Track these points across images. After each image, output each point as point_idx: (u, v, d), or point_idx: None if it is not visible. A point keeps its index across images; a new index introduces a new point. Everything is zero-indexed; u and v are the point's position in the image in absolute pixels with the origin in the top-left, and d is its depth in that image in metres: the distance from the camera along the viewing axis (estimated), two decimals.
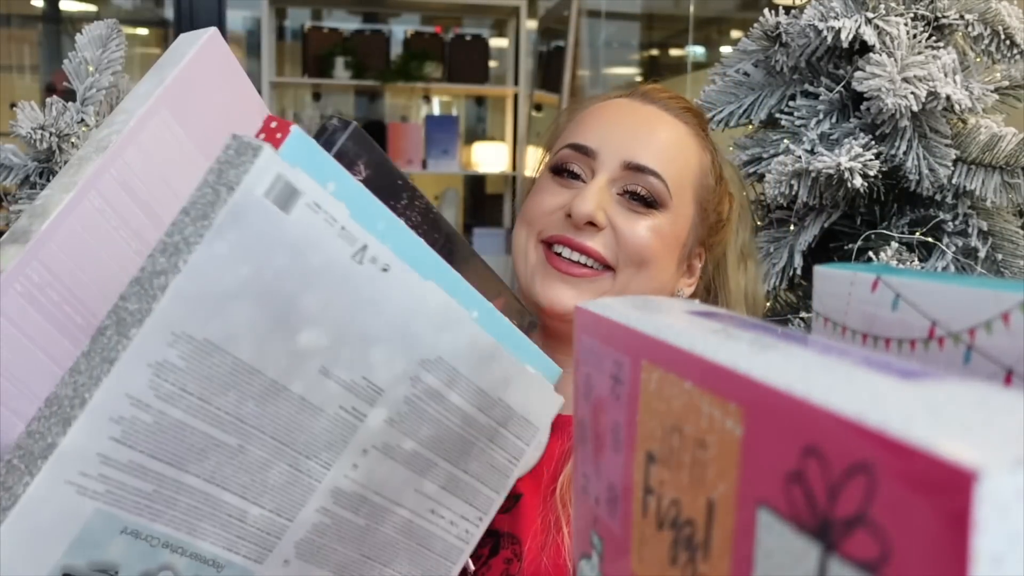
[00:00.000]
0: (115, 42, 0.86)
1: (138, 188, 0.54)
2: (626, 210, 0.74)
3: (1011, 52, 0.66)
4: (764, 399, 0.19)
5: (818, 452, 0.17)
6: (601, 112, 0.79)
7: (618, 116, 0.78)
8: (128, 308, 0.39)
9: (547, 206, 0.75)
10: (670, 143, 0.77)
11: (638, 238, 0.73)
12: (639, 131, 0.76)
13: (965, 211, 0.65)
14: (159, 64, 0.56)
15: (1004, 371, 0.25)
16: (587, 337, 0.32)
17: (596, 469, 0.31)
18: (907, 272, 0.30)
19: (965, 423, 0.15)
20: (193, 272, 0.37)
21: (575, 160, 0.75)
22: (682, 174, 0.76)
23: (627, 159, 0.74)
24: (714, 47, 3.25)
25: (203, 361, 0.39)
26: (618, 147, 0.74)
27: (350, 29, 3.82)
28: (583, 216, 0.71)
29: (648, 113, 0.78)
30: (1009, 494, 0.13)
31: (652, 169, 0.74)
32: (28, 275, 0.49)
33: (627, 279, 0.73)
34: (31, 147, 0.85)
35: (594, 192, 0.72)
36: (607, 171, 0.74)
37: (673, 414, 0.24)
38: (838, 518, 0.16)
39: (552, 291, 0.72)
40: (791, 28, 0.68)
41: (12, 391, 0.49)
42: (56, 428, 0.38)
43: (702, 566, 0.22)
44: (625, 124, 0.77)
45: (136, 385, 0.38)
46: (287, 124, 0.41)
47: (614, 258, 0.73)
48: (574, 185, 0.75)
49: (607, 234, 0.72)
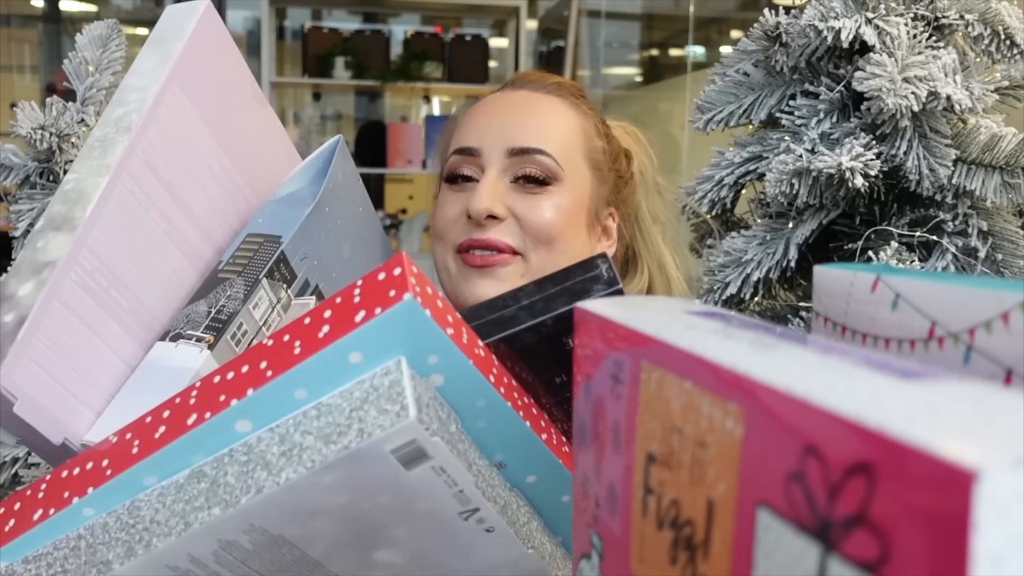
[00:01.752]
0: (115, 42, 0.86)
1: (160, 167, 0.53)
2: (523, 194, 0.76)
3: (1011, 52, 0.66)
4: (764, 399, 0.19)
5: (818, 452, 0.17)
6: (478, 112, 0.81)
7: (493, 109, 0.80)
8: (223, 481, 0.37)
9: (449, 215, 0.77)
10: (547, 118, 0.79)
11: (540, 218, 0.75)
12: (515, 117, 0.78)
13: (965, 211, 0.65)
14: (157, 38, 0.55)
15: (1004, 371, 0.25)
16: (587, 337, 0.32)
17: (596, 469, 0.31)
18: (907, 272, 0.30)
19: (965, 423, 0.15)
20: (292, 489, 0.35)
21: (463, 164, 0.78)
22: (567, 143, 0.78)
23: (509, 146, 0.76)
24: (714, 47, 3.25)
25: (272, 549, 0.38)
26: (498, 138, 0.76)
27: (350, 29, 3.82)
28: (480, 212, 0.73)
29: (520, 98, 0.81)
30: (1009, 494, 0.13)
31: (535, 148, 0.76)
32: (80, 263, 0.48)
33: (540, 259, 0.75)
34: (31, 147, 0.85)
35: (487, 187, 0.74)
36: (494, 164, 0.76)
37: (673, 414, 0.24)
38: (838, 518, 0.16)
39: (474, 288, 0.74)
40: (791, 28, 0.68)
41: (80, 382, 0.48)
42: (118, 549, 0.37)
43: (702, 566, 0.22)
44: (501, 115, 0.79)
45: (201, 550, 0.37)
46: (404, 284, 0.36)
47: (521, 244, 0.75)
48: (468, 187, 0.77)
49: (510, 223, 0.75)
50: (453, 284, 0.77)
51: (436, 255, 0.79)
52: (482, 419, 0.40)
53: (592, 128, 0.83)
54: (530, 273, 0.74)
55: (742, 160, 0.70)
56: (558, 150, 0.77)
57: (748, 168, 0.71)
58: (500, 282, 0.74)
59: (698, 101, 0.73)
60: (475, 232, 0.75)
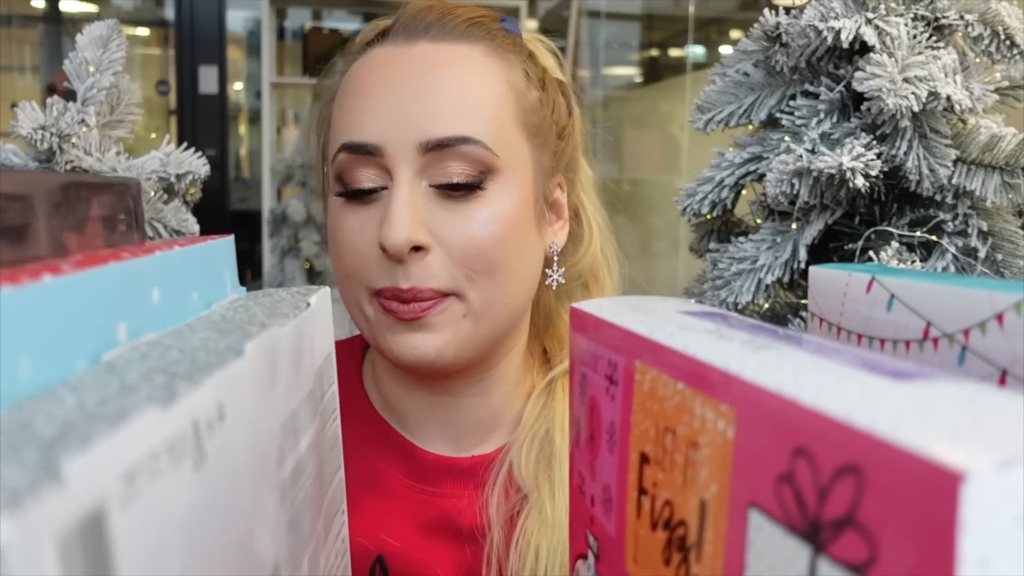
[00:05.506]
0: (116, 42, 0.86)
1: None
2: (447, 207, 0.54)
3: (1011, 52, 0.66)
4: (755, 400, 0.19)
5: (807, 453, 0.17)
6: (363, 82, 0.56)
7: (388, 81, 0.55)
8: None
9: (355, 246, 0.55)
10: (466, 87, 0.55)
11: (475, 243, 0.54)
12: (421, 91, 0.54)
13: (965, 211, 0.65)
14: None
15: (999, 372, 0.25)
16: (582, 337, 0.32)
17: (592, 470, 0.31)
18: (902, 272, 0.30)
19: (953, 424, 0.15)
20: None
21: (359, 167, 0.55)
22: (496, 115, 0.56)
23: (422, 139, 0.53)
24: (714, 47, 3.25)
25: None
26: (404, 128, 0.54)
27: (350, 29, 3.82)
28: (400, 247, 0.52)
29: (422, 58, 0.56)
30: (996, 496, 0.13)
31: (458, 136, 0.53)
32: None
33: (481, 292, 0.55)
34: (32, 147, 0.85)
35: (402, 207, 0.53)
36: (405, 165, 0.54)
37: (666, 415, 0.24)
38: (827, 520, 0.16)
39: (405, 343, 0.55)
40: (791, 28, 0.68)
41: None
42: None
43: (695, 567, 0.22)
44: (400, 88, 0.55)
45: None
46: None
47: (453, 282, 0.54)
48: (373, 202, 0.55)
49: (437, 252, 0.54)
50: (375, 333, 0.57)
51: (345, 294, 0.58)
52: None
53: (521, 77, 0.59)
54: (473, 312, 0.55)
55: (742, 161, 0.70)
56: (488, 130, 0.54)
57: (748, 169, 0.71)
58: (438, 332, 0.55)
59: (698, 101, 0.73)
60: (395, 275, 0.53)
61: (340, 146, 0.55)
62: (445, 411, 0.63)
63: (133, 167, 0.78)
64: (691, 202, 0.71)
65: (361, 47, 0.60)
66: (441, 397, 0.62)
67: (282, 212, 2.85)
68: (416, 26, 0.57)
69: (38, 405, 0.18)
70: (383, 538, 0.60)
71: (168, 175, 0.77)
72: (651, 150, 3.26)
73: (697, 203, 0.71)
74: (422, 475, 0.62)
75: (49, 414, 0.17)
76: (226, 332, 0.26)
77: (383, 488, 0.62)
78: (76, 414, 0.17)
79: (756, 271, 0.67)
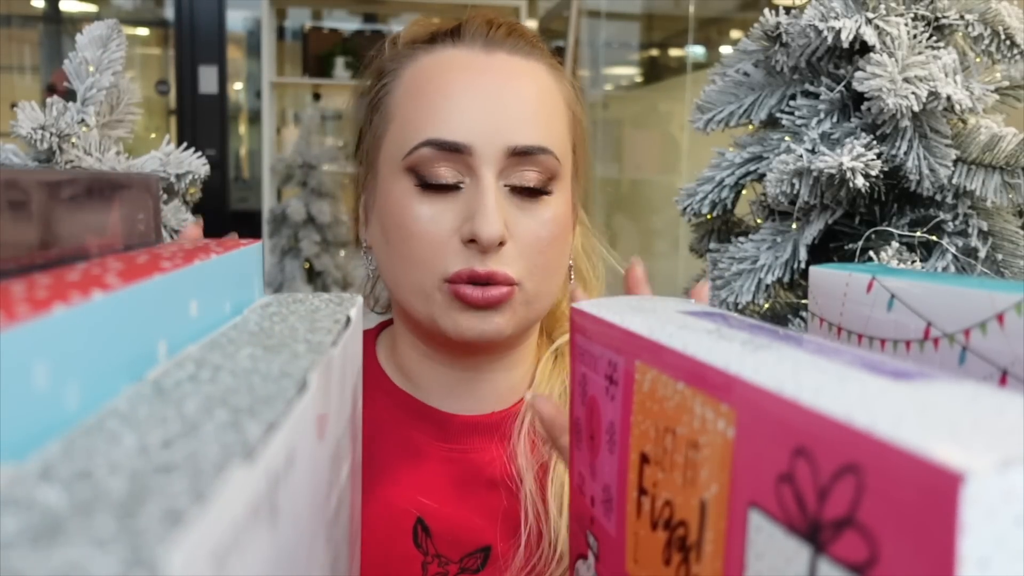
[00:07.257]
0: (115, 42, 0.86)
1: None
2: (520, 208, 0.60)
3: (1011, 52, 0.66)
4: (755, 400, 0.19)
5: (807, 453, 0.17)
6: (445, 82, 0.60)
7: (474, 86, 0.60)
8: None
9: (430, 236, 0.59)
10: (544, 101, 0.61)
11: (540, 240, 0.60)
12: (508, 99, 0.60)
13: (965, 211, 0.65)
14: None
15: (999, 372, 0.25)
16: (582, 337, 0.32)
17: (592, 470, 0.31)
18: (902, 272, 0.30)
19: (953, 424, 0.14)
20: None
21: (441, 162, 0.59)
22: (561, 127, 0.63)
23: (509, 144, 0.58)
24: (714, 47, 3.25)
25: None
26: (494, 132, 0.58)
27: (350, 29, 3.82)
28: (494, 240, 0.57)
29: (501, 67, 0.61)
30: (996, 496, 0.13)
31: (539, 146, 0.59)
32: None
33: (536, 284, 0.61)
34: (31, 147, 0.85)
35: (494, 204, 0.58)
36: (491, 165, 0.59)
37: (666, 415, 0.24)
38: (827, 520, 0.16)
39: (474, 322, 0.59)
40: (791, 28, 0.68)
41: None
42: None
43: (695, 567, 0.22)
44: (488, 94, 0.59)
45: None
46: None
47: (520, 271, 0.60)
48: (453, 197, 0.59)
49: (510, 246, 0.59)
50: (434, 313, 0.61)
51: (405, 278, 0.61)
52: None
53: (573, 96, 0.66)
54: (528, 300, 0.61)
55: (742, 161, 0.70)
56: (558, 142, 0.61)
57: (748, 169, 0.71)
58: (504, 319, 0.60)
59: (698, 101, 0.73)
60: (475, 262, 0.58)
61: (424, 141, 0.59)
62: (469, 385, 0.68)
63: (133, 167, 0.78)
64: (691, 202, 0.71)
65: (419, 46, 0.65)
66: (467, 373, 0.67)
67: (282, 212, 2.85)
68: (492, 37, 0.63)
69: (93, 444, 0.15)
70: (421, 500, 0.64)
71: (168, 175, 0.77)
72: (651, 150, 3.26)
73: (697, 203, 0.71)
74: (450, 436, 0.66)
75: (110, 459, 0.15)
76: (272, 350, 0.24)
77: (415, 454, 0.66)
78: (141, 461, 0.15)
79: (756, 271, 0.67)
